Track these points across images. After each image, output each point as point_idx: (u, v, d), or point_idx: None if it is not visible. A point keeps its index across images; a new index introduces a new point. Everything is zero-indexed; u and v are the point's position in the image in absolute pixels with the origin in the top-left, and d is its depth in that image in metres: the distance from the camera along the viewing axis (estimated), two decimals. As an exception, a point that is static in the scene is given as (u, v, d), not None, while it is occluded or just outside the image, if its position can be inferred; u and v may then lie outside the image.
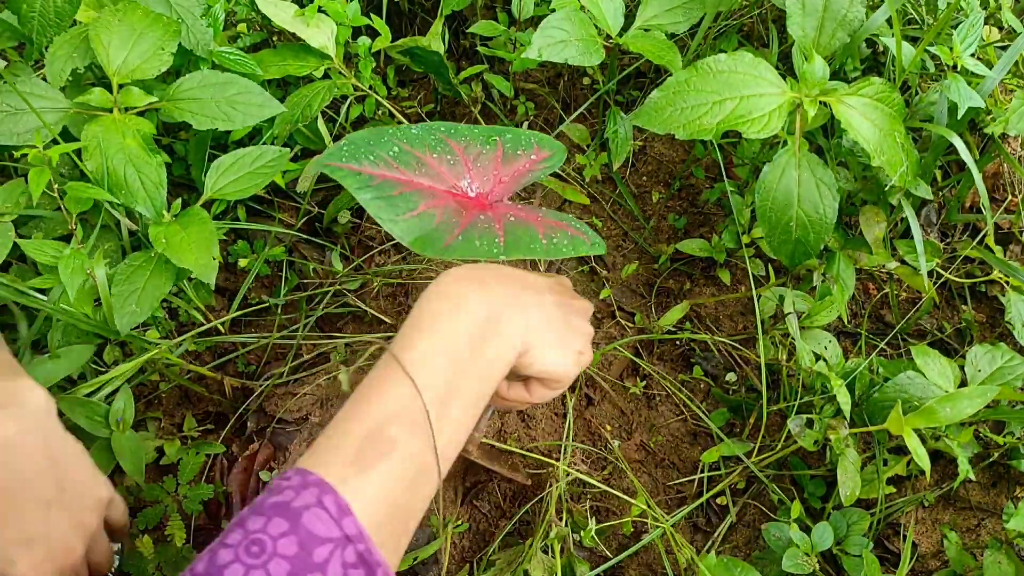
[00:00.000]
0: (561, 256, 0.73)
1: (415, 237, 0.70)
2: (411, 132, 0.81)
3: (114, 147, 1.00)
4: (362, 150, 0.76)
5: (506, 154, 0.84)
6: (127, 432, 1.05)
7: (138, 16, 1.06)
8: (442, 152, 0.81)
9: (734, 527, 1.21)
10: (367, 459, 0.56)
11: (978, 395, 1.00)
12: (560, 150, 0.88)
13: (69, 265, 0.95)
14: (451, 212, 0.74)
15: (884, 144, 1.05)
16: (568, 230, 0.76)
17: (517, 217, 0.76)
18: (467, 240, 0.71)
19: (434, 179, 0.78)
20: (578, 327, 0.74)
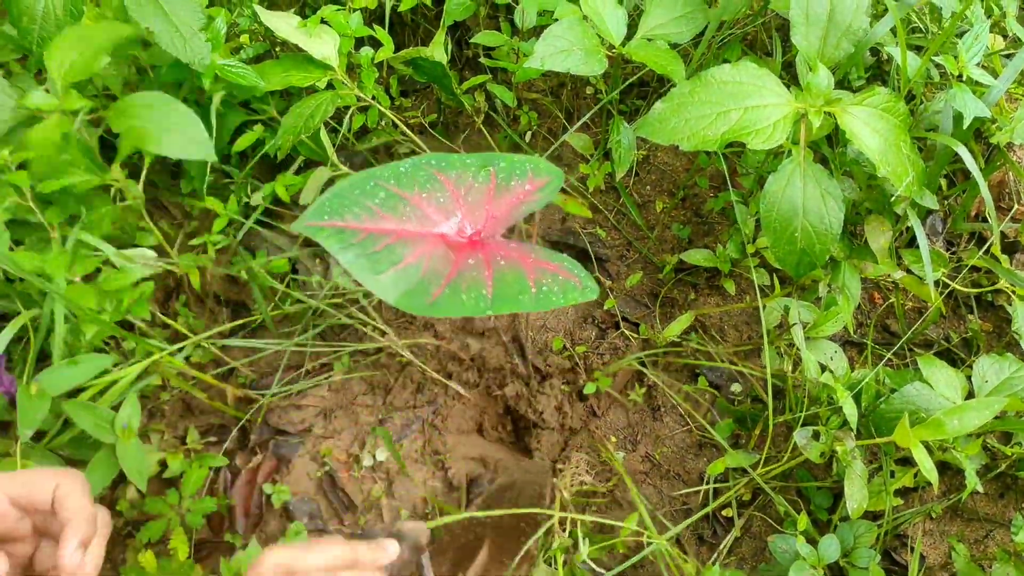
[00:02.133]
0: (551, 307, 0.72)
1: (400, 294, 0.69)
2: (400, 170, 0.79)
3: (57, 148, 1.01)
4: (347, 202, 0.75)
5: (499, 186, 0.82)
6: (132, 439, 1.05)
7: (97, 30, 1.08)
8: (431, 190, 0.79)
9: (740, 539, 1.20)
10: None
11: (985, 407, 0.99)
12: (557, 176, 0.86)
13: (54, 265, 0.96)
14: (438, 259, 0.73)
15: (889, 154, 1.05)
16: (560, 273, 0.74)
17: (507, 260, 0.74)
18: (454, 294, 0.69)
19: (422, 223, 0.76)
20: None
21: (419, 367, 1.31)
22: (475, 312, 0.68)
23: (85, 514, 0.70)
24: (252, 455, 1.24)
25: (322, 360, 1.30)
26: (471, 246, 0.76)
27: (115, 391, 1.09)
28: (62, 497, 0.70)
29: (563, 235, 1.42)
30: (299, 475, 1.23)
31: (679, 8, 1.26)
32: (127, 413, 1.05)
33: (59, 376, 1.00)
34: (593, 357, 1.32)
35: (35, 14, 1.04)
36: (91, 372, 1.02)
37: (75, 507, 0.70)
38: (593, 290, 0.74)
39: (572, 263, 0.77)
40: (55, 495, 0.70)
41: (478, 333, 1.33)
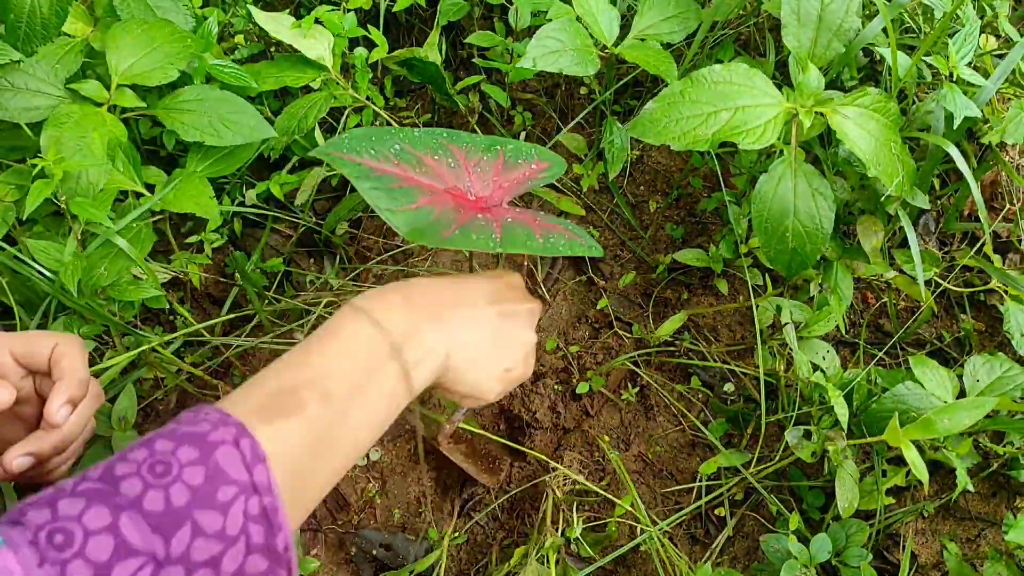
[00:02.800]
0: (558, 254, 0.74)
1: (412, 228, 0.70)
2: (413, 134, 0.82)
3: (78, 133, 1.01)
4: (363, 144, 0.76)
5: (507, 162, 0.85)
6: (128, 431, 1.05)
7: (162, 33, 1.10)
8: (443, 155, 0.81)
9: (732, 539, 1.20)
10: (271, 413, 0.53)
11: (976, 406, 1.00)
12: (559, 163, 0.88)
13: (68, 269, 0.96)
14: (449, 210, 0.74)
15: (880, 154, 1.05)
16: (564, 233, 0.76)
17: (514, 219, 0.76)
18: (464, 233, 0.71)
19: (434, 179, 0.78)
20: (513, 341, 0.73)
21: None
22: (485, 247, 0.70)
23: (78, 376, 0.72)
24: (246, 454, 1.24)
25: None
26: (479, 206, 0.78)
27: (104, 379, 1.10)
28: (58, 356, 0.72)
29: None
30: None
31: (672, 8, 1.26)
32: (124, 406, 1.06)
33: None
34: (587, 357, 1.32)
35: (22, 11, 1.05)
36: None
37: (69, 367, 0.71)
38: (598, 249, 0.76)
39: (576, 227, 0.79)
40: (52, 354, 0.72)
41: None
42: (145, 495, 0.44)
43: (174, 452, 0.46)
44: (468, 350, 0.68)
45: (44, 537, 0.41)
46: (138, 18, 1.11)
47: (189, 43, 1.11)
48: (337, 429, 0.57)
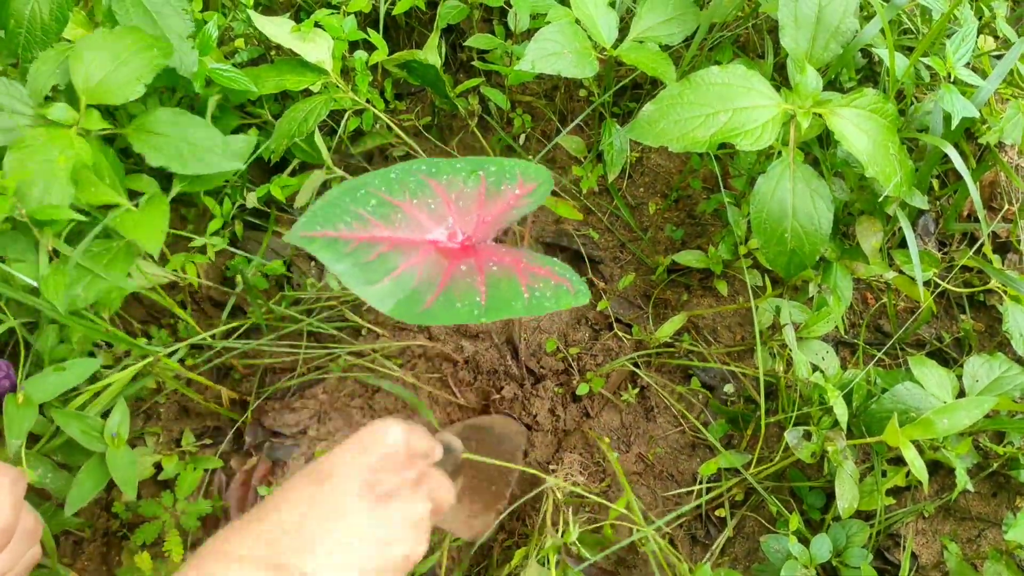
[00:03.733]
0: (544, 312, 0.72)
1: (394, 304, 0.69)
2: (390, 177, 0.79)
3: (42, 156, 1.00)
4: (338, 210, 0.75)
5: (489, 190, 0.82)
6: (122, 448, 1.05)
7: (126, 43, 1.07)
8: (423, 196, 0.79)
9: (733, 539, 1.20)
10: None
11: (975, 406, 1.00)
12: (547, 180, 0.85)
13: (50, 283, 0.96)
14: (431, 266, 0.73)
15: (878, 155, 1.05)
16: (552, 278, 0.74)
17: (500, 265, 0.74)
18: (448, 301, 0.70)
19: (415, 230, 0.76)
20: (398, 526, 0.62)
21: (410, 369, 1.32)
22: (469, 320, 0.69)
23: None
24: (247, 457, 1.25)
25: (317, 362, 1.30)
26: (463, 252, 0.77)
27: (108, 395, 1.10)
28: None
29: (556, 237, 1.43)
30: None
31: (670, 10, 1.26)
32: (116, 421, 1.05)
33: (46, 383, 1.00)
34: (587, 358, 1.32)
35: (22, 17, 1.05)
36: (78, 378, 1.02)
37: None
38: (584, 294, 0.74)
39: (563, 267, 0.77)
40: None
41: (472, 335, 1.34)
42: None
43: None
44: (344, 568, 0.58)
45: None
46: (105, 28, 1.09)
47: (155, 52, 1.08)
48: None
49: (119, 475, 1.05)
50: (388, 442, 0.64)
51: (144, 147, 1.09)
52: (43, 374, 1.01)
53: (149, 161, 1.09)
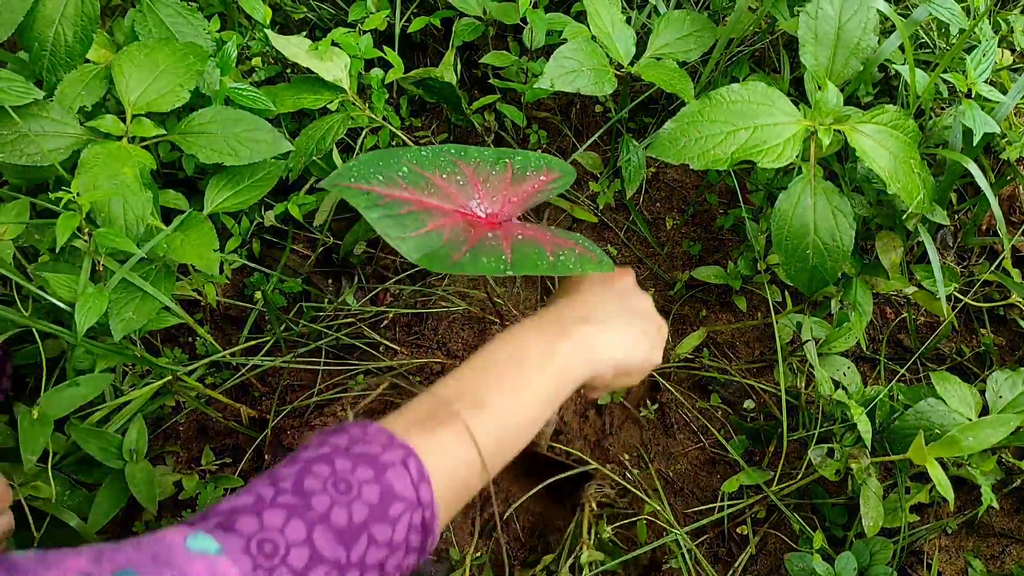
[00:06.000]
0: (568, 273, 0.73)
1: (423, 254, 0.71)
2: (421, 154, 0.82)
3: (110, 173, 1.01)
4: (371, 170, 0.77)
5: (515, 175, 0.84)
6: (140, 463, 1.05)
7: (164, 54, 1.09)
8: (452, 173, 0.81)
9: (755, 557, 1.19)
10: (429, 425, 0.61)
11: (1001, 424, 0.99)
12: (569, 172, 0.88)
13: (87, 304, 0.96)
14: (459, 231, 0.75)
15: (900, 171, 1.05)
16: (576, 248, 0.76)
17: (525, 236, 0.76)
18: (475, 257, 0.71)
19: (443, 199, 0.78)
20: (653, 332, 0.77)
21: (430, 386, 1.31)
22: (495, 271, 0.70)
23: None
24: (266, 476, 1.24)
25: (335, 380, 1.30)
26: (489, 224, 0.78)
27: (126, 412, 1.10)
28: None
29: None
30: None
31: (687, 27, 1.27)
32: (134, 438, 1.05)
33: (60, 398, 1.00)
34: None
35: (46, 40, 1.06)
36: (92, 393, 1.02)
37: None
38: (609, 264, 0.76)
39: (587, 241, 0.79)
40: None
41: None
42: (332, 511, 0.52)
43: (353, 471, 0.54)
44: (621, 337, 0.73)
45: (255, 546, 0.48)
46: (141, 42, 1.11)
47: (192, 60, 1.10)
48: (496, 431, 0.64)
49: (139, 491, 1.05)
50: (629, 279, 0.82)
51: (193, 147, 1.10)
52: (57, 389, 1.01)
53: (203, 159, 1.10)
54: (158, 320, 1.06)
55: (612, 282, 0.79)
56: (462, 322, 1.37)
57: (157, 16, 1.14)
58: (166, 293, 1.05)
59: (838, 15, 1.10)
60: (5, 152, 1.01)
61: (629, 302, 0.77)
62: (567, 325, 0.70)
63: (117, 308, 1.02)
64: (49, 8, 1.04)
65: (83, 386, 1.02)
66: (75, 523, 1.01)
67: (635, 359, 0.73)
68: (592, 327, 0.71)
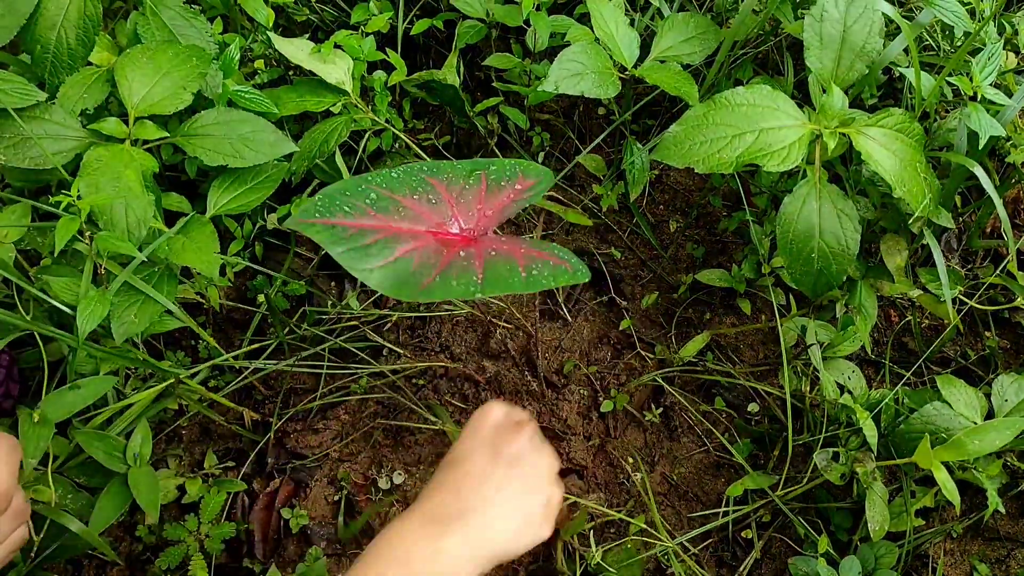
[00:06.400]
0: (541, 288, 0.71)
1: (391, 284, 0.69)
2: (391, 176, 0.80)
3: (112, 175, 1.01)
4: (337, 202, 0.75)
5: (490, 186, 0.83)
6: (144, 468, 1.05)
7: (166, 56, 1.08)
8: (424, 192, 0.80)
9: (760, 561, 1.19)
10: None
11: (1007, 427, 0.99)
12: (546, 176, 0.86)
13: (88, 308, 0.95)
14: (430, 253, 0.73)
15: (905, 175, 1.05)
16: (551, 259, 0.74)
17: (498, 251, 0.75)
18: (444, 281, 0.70)
19: (415, 221, 0.77)
20: (535, 480, 0.74)
21: (432, 390, 1.31)
22: (465, 295, 0.69)
23: None
24: (270, 479, 1.24)
25: (338, 383, 1.30)
26: (463, 241, 0.77)
27: (129, 415, 1.09)
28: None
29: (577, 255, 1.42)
30: (317, 499, 1.23)
31: (691, 30, 1.26)
32: (138, 442, 1.05)
33: (62, 401, 0.99)
34: (609, 378, 1.32)
35: (48, 43, 1.05)
36: (94, 396, 1.02)
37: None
38: (584, 273, 0.74)
39: (563, 250, 0.77)
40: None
41: (493, 355, 1.34)
42: None
43: None
44: (505, 524, 0.70)
45: None
46: (143, 45, 1.11)
47: (195, 63, 1.10)
48: None
49: (142, 496, 1.04)
50: (493, 418, 0.77)
51: (196, 149, 1.10)
52: (59, 392, 1.00)
53: (208, 161, 1.09)
54: (160, 323, 1.06)
55: (499, 448, 0.74)
56: (465, 325, 1.36)
57: (160, 18, 1.13)
58: (168, 296, 1.05)
59: (843, 18, 1.10)
60: (7, 155, 1.01)
61: (520, 470, 0.73)
62: (452, 520, 0.68)
63: (119, 311, 1.01)
64: (51, 11, 1.04)
65: (85, 389, 1.02)
66: (76, 527, 1.00)
67: (524, 542, 0.70)
68: (479, 517, 0.68)
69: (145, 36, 1.13)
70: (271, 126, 1.15)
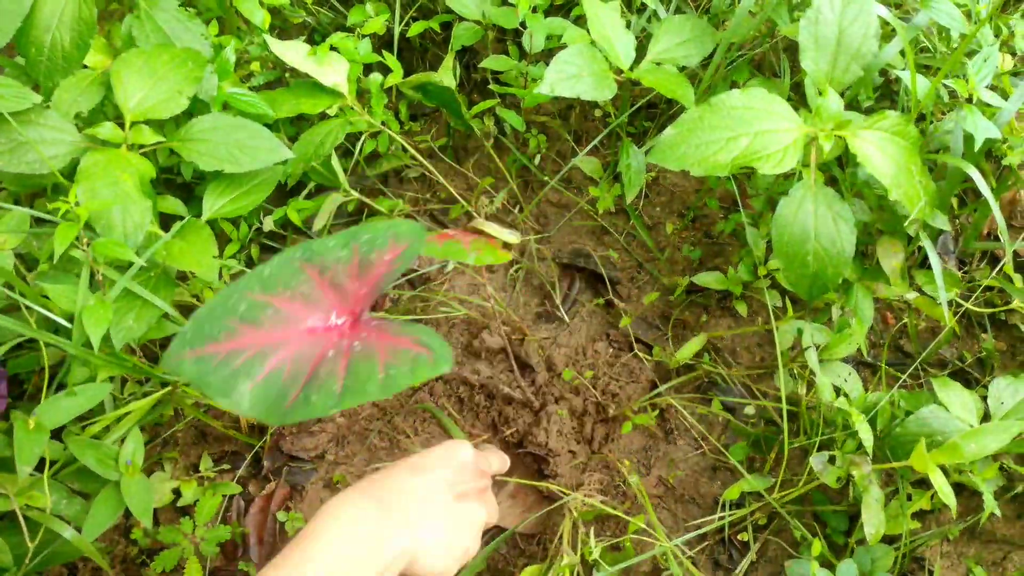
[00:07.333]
0: (400, 389, 0.70)
1: (261, 408, 0.69)
2: (265, 274, 0.78)
3: (109, 180, 1.00)
4: (206, 326, 0.73)
5: (362, 261, 0.80)
6: (136, 476, 1.05)
7: (162, 59, 1.08)
8: (297, 285, 0.77)
9: (756, 564, 1.19)
10: None
11: (1003, 430, 0.99)
12: (418, 236, 0.82)
13: (93, 315, 0.95)
14: (302, 358, 0.72)
15: (901, 177, 1.04)
16: (412, 348, 0.72)
17: (364, 343, 0.73)
18: (306, 398, 0.69)
19: (287, 323, 0.75)
20: (467, 524, 0.79)
21: (428, 393, 1.31)
22: (323, 412, 0.68)
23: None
24: (265, 482, 1.24)
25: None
26: (335, 334, 0.75)
27: (127, 422, 1.09)
28: None
29: (573, 258, 1.42)
30: (312, 502, 1.23)
31: (687, 32, 1.26)
32: (130, 450, 1.05)
33: (57, 408, 0.99)
34: (607, 379, 1.31)
35: (43, 46, 1.05)
36: (90, 403, 1.01)
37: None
38: (446, 361, 0.71)
39: (428, 333, 0.73)
40: None
41: (488, 358, 1.33)
42: None
43: None
44: (433, 545, 0.75)
45: None
46: (139, 48, 1.11)
47: (191, 66, 1.10)
48: None
49: (134, 504, 1.04)
50: (464, 456, 0.81)
51: (193, 154, 1.10)
52: (54, 399, 1.00)
53: (203, 166, 1.09)
54: (158, 328, 1.06)
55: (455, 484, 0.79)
56: (462, 327, 1.36)
57: (155, 21, 1.13)
58: (166, 300, 1.05)
59: (838, 20, 1.10)
60: (3, 159, 1.01)
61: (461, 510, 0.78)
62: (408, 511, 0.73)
63: (117, 317, 1.01)
64: (46, 13, 1.04)
65: (81, 396, 1.01)
66: (69, 534, 1.00)
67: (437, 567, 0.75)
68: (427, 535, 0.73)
69: (140, 39, 1.13)
70: (267, 132, 1.15)
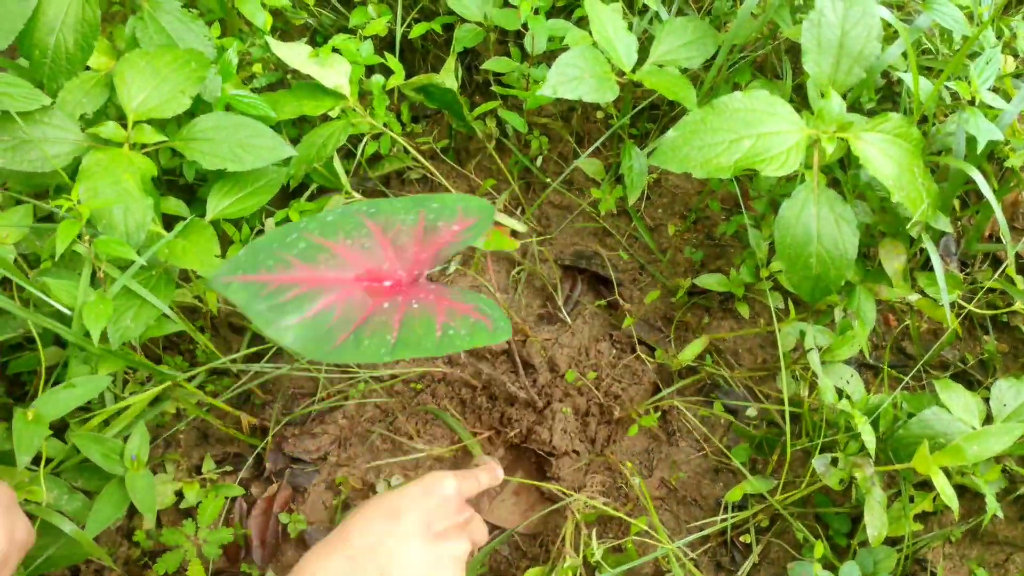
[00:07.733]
0: (454, 351, 0.70)
1: (304, 342, 0.68)
2: (327, 220, 0.79)
3: (111, 179, 1.01)
4: (262, 256, 0.74)
5: (428, 227, 0.81)
6: (141, 470, 1.04)
7: (165, 60, 1.08)
8: (358, 236, 0.78)
9: (758, 566, 1.19)
10: None
11: (1006, 433, 0.99)
12: (487, 213, 0.84)
13: (93, 312, 0.95)
14: (354, 305, 0.72)
15: (903, 180, 1.04)
16: (472, 315, 0.73)
17: (421, 303, 0.73)
18: (356, 340, 0.69)
19: (341, 269, 0.75)
20: (448, 559, 0.77)
21: (431, 395, 1.31)
22: (374, 358, 0.68)
23: None
24: (268, 484, 1.24)
25: (337, 387, 1.30)
26: (390, 290, 0.76)
27: (126, 417, 1.09)
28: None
29: (575, 259, 1.42)
30: (315, 504, 1.23)
31: (689, 34, 1.26)
32: (136, 444, 1.05)
33: (56, 400, 0.99)
34: (610, 380, 1.31)
35: (46, 47, 1.05)
36: (89, 395, 1.01)
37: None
38: (505, 331, 0.72)
39: (488, 303, 0.75)
40: None
41: (491, 359, 1.33)
42: None
43: None
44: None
45: None
46: (142, 49, 1.11)
47: (194, 67, 1.10)
48: None
49: (139, 499, 1.04)
50: (445, 491, 0.79)
51: (195, 153, 1.10)
52: (53, 391, 1.00)
53: (206, 165, 1.09)
54: (157, 327, 1.06)
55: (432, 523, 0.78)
56: (464, 329, 1.36)
57: (158, 23, 1.13)
58: (166, 300, 1.05)
59: (841, 23, 1.10)
60: (7, 158, 1.01)
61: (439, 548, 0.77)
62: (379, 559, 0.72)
63: (116, 315, 1.01)
64: (50, 15, 1.04)
65: (80, 388, 1.01)
66: (70, 529, 1.00)
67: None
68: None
69: (143, 40, 1.13)
70: (269, 131, 1.15)
